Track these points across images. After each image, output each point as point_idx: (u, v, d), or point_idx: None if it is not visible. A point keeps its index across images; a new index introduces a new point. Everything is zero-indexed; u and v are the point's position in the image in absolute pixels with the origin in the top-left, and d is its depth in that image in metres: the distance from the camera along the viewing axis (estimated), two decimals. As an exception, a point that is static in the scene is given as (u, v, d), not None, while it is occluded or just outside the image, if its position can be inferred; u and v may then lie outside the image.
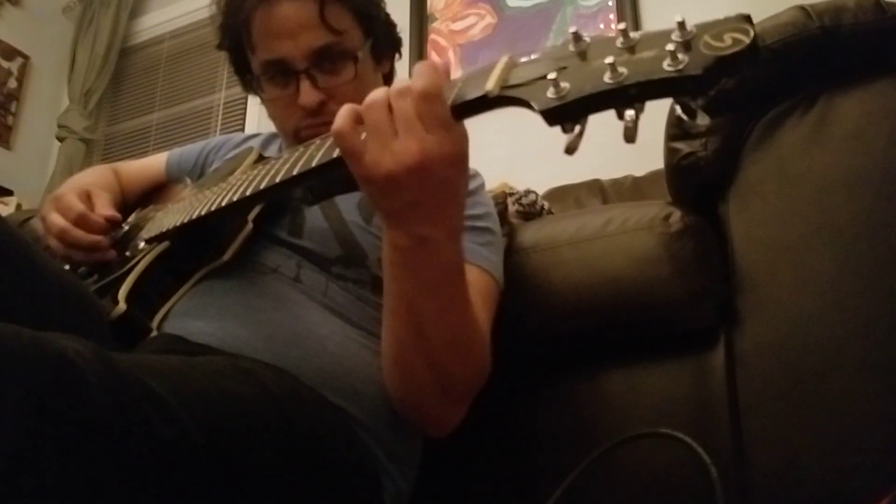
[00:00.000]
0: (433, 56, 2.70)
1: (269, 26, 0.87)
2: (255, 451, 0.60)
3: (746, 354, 0.82)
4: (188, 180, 1.04)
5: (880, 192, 0.77)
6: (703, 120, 0.47)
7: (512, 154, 2.13)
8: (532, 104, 0.48)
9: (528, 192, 1.27)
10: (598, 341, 0.92)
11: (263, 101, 0.97)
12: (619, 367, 0.92)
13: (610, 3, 2.42)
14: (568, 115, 0.47)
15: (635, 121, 0.46)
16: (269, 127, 1.19)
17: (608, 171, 1.78)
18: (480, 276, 0.82)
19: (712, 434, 0.81)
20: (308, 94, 0.87)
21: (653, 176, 1.65)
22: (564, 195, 1.74)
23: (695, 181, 0.88)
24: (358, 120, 0.59)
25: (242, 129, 3.12)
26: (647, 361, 0.90)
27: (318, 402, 0.73)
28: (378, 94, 0.58)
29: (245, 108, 3.19)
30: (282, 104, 0.91)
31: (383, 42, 0.98)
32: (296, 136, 0.91)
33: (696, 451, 0.66)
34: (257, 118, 3.10)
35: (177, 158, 1.14)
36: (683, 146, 0.87)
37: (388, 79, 1.03)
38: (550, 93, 0.47)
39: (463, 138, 0.58)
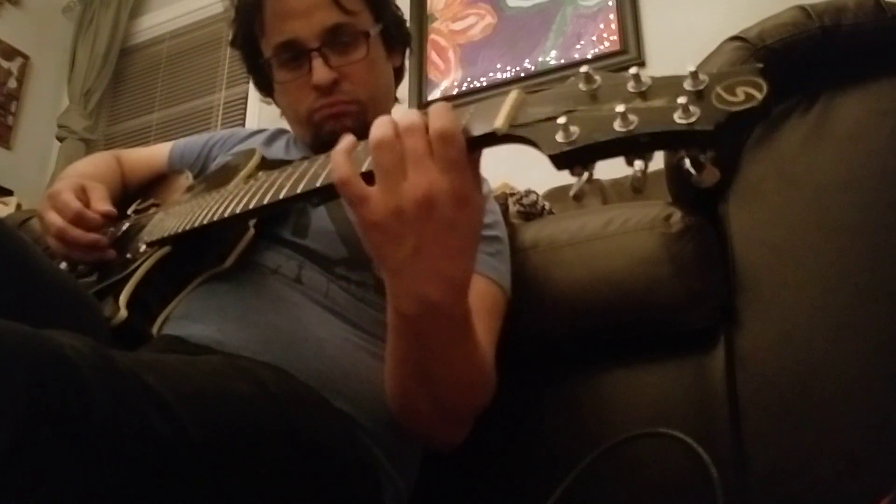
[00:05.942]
0: (433, 56, 2.71)
1: (281, 8, 0.90)
2: (253, 450, 0.60)
3: (746, 354, 0.82)
4: (188, 174, 1.04)
5: (880, 192, 0.77)
6: (710, 177, 0.45)
7: (512, 154, 2.12)
8: (541, 147, 0.48)
9: (528, 192, 1.27)
10: (599, 341, 0.92)
11: (274, 90, 0.98)
12: (619, 367, 0.91)
13: (610, 3, 2.42)
14: (576, 160, 0.47)
15: (644, 171, 0.46)
16: (268, 126, 1.19)
17: (608, 171, 1.78)
18: (489, 288, 0.82)
19: (712, 434, 0.81)
20: (321, 72, 0.89)
21: (653, 176, 1.63)
22: (565, 195, 1.74)
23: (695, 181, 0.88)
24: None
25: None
26: (647, 361, 0.90)
27: (317, 402, 0.73)
28: (386, 130, 0.55)
29: (245, 108, 3.19)
30: (294, 87, 0.93)
31: (393, 31, 0.99)
32: (310, 120, 0.93)
33: (696, 451, 0.65)
34: (257, 118, 3.09)
35: (180, 151, 1.14)
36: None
37: (398, 73, 1.04)
38: (560, 136, 0.47)
39: (476, 187, 0.57)
